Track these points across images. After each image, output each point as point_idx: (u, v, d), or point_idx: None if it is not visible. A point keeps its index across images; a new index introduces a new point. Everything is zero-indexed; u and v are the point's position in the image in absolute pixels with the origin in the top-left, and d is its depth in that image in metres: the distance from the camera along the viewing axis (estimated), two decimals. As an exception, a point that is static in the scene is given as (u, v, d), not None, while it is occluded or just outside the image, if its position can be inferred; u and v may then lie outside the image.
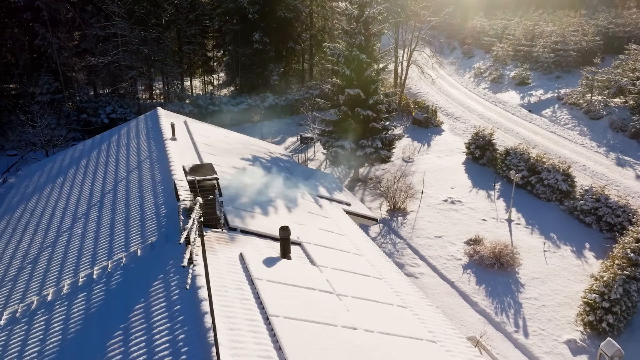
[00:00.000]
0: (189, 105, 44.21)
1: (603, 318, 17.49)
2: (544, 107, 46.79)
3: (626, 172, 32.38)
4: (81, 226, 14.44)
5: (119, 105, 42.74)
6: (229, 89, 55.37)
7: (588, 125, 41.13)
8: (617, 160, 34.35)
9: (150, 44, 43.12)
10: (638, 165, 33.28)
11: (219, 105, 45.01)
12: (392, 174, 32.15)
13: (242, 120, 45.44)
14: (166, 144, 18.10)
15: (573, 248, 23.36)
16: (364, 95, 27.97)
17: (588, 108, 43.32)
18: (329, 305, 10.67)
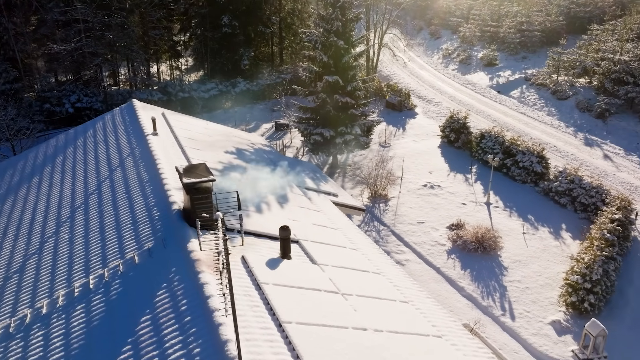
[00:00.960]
0: (157, 93, 42.97)
1: (585, 298, 18.15)
2: (513, 87, 47.61)
3: (594, 152, 33.43)
4: (67, 231, 13.88)
5: (84, 94, 41.15)
6: (197, 74, 54.05)
7: (555, 106, 42.12)
8: (585, 140, 35.40)
9: (114, 29, 41.46)
10: (605, 145, 34.39)
11: (188, 92, 43.92)
12: (370, 159, 32.24)
13: (214, 106, 44.55)
14: (148, 139, 17.51)
15: (550, 229, 24.05)
16: (342, 82, 27.75)
17: (555, 89, 44.33)
18: (336, 307, 10.64)
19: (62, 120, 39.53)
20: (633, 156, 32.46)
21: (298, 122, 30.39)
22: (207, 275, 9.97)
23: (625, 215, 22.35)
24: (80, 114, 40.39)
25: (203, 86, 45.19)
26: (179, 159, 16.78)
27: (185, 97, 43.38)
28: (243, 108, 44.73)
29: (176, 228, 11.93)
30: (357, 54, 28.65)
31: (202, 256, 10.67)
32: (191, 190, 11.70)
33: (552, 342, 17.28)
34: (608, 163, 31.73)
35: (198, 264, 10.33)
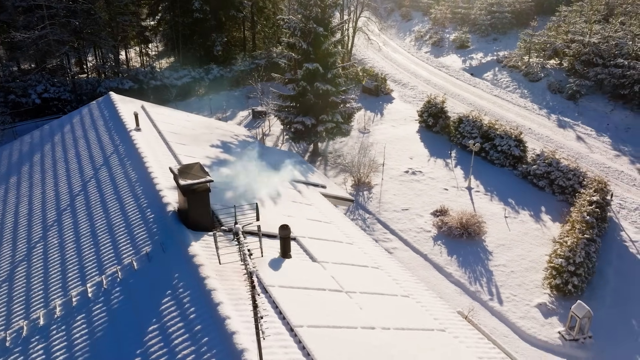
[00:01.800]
0: (128, 81, 41.70)
1: (569, 281, 18.72)
2: (485, 70, 48.12)
3: (568, 134, 34.23)
4: (56, 235, 13.41)
5: (51, 83, 39.58)
6: (167, 60, 52.67)
7: (528, 88, 42.81)
8: (558, 122, 36.18)
9: (80, 15, 39.85)
10: (577, 127, 35.24)
11: (160, 80, 42.79)
12: (351, 146, 32.25)
13: (187, 94, 43.59)
14: (132, 135, 17.01)
15: (531, 212, 24.62)
16: (322, 70, 27.47)
17: (527, 70, 45.01)
18: (342, 306, 10.65)
19: (29, 111, 38.03)
20: (604, 137, 33.39)
21: (278, 110, 30.03)
22: (213, 281, 9.79)
23: (602, 197, 23.05)
24: (48, 105, 38.94)
25: (175, 73, 44.09)
26: (166, 156, 16.38)
27: (157, 85, 42.26)
28: (217, 95, 43.92)
29: (174, 231, 11.66)
30: (336, 40, 28.33)
31: (205, 261, 10.47)
32: (188, 192, 11.43)
33: (540, 325, 17.81)
34: (581, 144, 32.57)
35: (202, 270, 10.14)
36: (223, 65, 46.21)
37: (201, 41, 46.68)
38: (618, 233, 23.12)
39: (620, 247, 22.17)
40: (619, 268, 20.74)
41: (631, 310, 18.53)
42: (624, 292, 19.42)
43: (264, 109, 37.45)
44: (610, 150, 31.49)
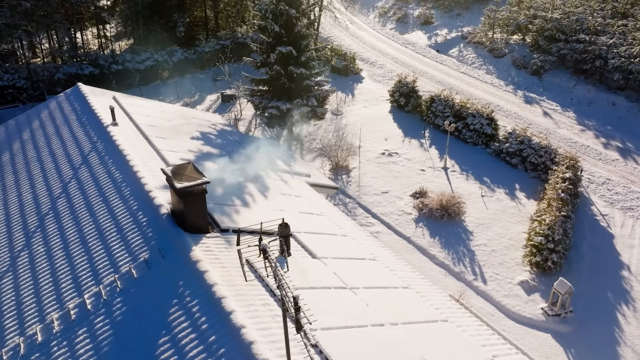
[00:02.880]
0: (87, 66, 39.93)
1: (548, 258, 19.40)
2: (451, 46, 48.46)
3: (535, 110, 35.05)
4: (41, 242, 12.82)
5: (4, 70, 37.49)
6: (127, 42, 50.65)
7: (493, 64, 43.44)
8: (524, 97, 36.97)
9: (32, -4, 37.62)
10: (543, 102, 36.11)
11: (122, 64, 41.15)
12: (325, 129, 32.08)
13: (151, 78, 42.20)
14: (110, 131, 16.32)
15: (506, 190, 25.25)
16: (296, 52, 27.00)
17: (491, 46, 45.60)
18: (349, 304, 10.67)
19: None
20: (569, 112, 34.38)
21: (251, 95, 29.44)
22: (221, 288, 9.60)
23: (574, 173, 23.83)
24: (3, 93, 36.93)
25: (137, 57, 42.45)
26: (148, 152, 15.82)
27: (119, 70, 40.64)
28: (182, 78, 42.70)
29: (171, 235, 11.32)
30: (309, 22, 27.80)
31: (209, 267, 10.23)
32: (185, 195, 11.09)
33: (523, 302, 18.46)
34: (548, 120, 33.45)
35: (208, 276, 9.92)
36: (187, 47, 44.79)
37: (162, 22, 45.01)
38: (589, 207, 24.04)
39: (592, 221, 23.09)
40: (592, 242, 21.63)
41: (606, 283, 19.42)
42: (598, 265, 20.30)
43: (234, 92, 36.64)
44: (576, 125, 32.49)
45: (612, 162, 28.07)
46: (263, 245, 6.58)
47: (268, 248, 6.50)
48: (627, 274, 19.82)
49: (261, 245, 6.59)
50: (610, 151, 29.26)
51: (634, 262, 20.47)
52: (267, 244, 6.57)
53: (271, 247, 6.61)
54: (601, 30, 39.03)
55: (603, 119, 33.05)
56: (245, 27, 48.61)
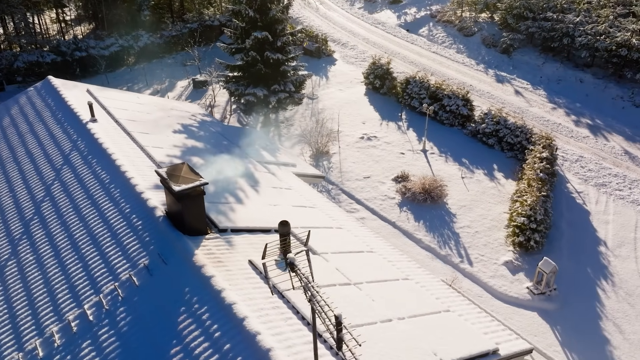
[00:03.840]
0: (49, 54, 38.17)
1: (531, 237, 19.92)
2: (420, 25, 48.43)
3: (506, 89, 35.59)
4: (28, 250, 12.31)
5: (-42, 60, 35.50)
6: (87, 27, 48.60)
7: (463, 43, 43.70)
8: (496, 77, 37.45)
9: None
10: (513, 81, 36.68)
11: (86, 50, 39.48)
12: (302, 114, 31.79)
13: (117, 64, 40.75)
14: (90, 128, 15.70)
15: (485, 171, 25.68)
16: (271, 37, 26.46)
17: (460, 25, 45.80)
18: (356, 300, 10.71)
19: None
20: (540, 90, 35.05)
21: (226, 82, 28.78)
22: (230, 294, 9.45)
23: (550, 152, 24.41)
24: (-42, 85, 35.05)
25: (102, 42, 40.81)
26: (132, 149, 15.31)
27: (83, 57, 39.01)
28: (150, 64, 41.38)
29: (170, 239, 11.05)
30: (284, 6, 27.24)
31: (215, 272, 10.04)
32: (183, 198, 10.80)
33: (509, 282, 18.96)
34: (520, 99, 34.04)
35: (215, 281, 9.75)
36: (152, 31, 43.32)
37: (126, 5, 43.32)
38: (565, 185, 24.74)
39: (568, 198, 23.79)
40: (570, 219, 22.31)
41: (585, 259, 20.12)
42: (577, 242, 20.99)
43: (206, 78, 35.78)
44: (547, 103, 33.19)
45: (584, 140, 28.88)
46: (290, 259, 6.45)
47: (295, 261, 6.38)
48: (604, 250, 20.59)
49: (288, 259, 6.45)
50: (581, 128, 30.07)
51: (610, 237, 21.26)
52: (294, 257, 6.44)
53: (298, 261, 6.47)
54: (567, 8, 39.71)
55: (572, 96, 33.85)
56: (212, 9, 47.34)
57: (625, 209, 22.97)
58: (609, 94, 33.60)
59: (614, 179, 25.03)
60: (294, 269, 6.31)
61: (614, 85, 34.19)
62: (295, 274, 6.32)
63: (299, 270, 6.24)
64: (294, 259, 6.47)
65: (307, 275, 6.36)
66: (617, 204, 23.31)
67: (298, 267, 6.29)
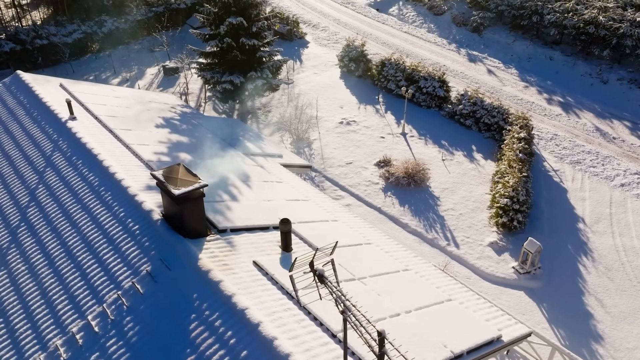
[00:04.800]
0: (7, 42, 36.29)
1: (514, 218, 20.41)
2: (390, 4, 48.15)
3: (479, 68, 35.95)
4: (19, 259, 11.87)
5: None
6: (44, 11, 46.34)
7: (434, 22, 43.74)
8: (468, 56, 37.74)
9: None
10: (485, 60, 37.05)
11: (47, 38, 37.70)
12: (278, 99, 31.39)
13: (81, 52, 39.13)
14: (70, 127, 15.12)
15: (464, 153, 26.06)
16: (246, 23, 25.86)
17: (430, 4, 45.78)
18: (363, 296, 10.74)
19: None
20: (511, 69, 35.55)
21: (200, 69, 28.07)
22: (241, 298, 9.36)
23: (528, 132, 24.91)
24: None
25: (63, 29, 39.02)
26: (117, 148, 14.88)
27: (44, 45, 37.25)
28: (116, 50, 39.88)
29: (170, 243, 10.83)
30: (259, -10, 26.60)
31: (222, 276, 9.91)
32: (183, 201, 10.56)
33: (495, 263, 19.46)
34: (493, 78, 34.47)
35: (224, 286, 9.63)
36: (116, 16, 41.69)
37: (86, -11, 41.44)
38: (542, 164, 25.36)
39: (546, 177, 24.43)
40: (549, 198, 22.94)
41: (565, 236, 20.80)
42: (557, 220, 21.64)
43: (177, 64, 34.82)
44: (519, 82, 33.73)
45: (557, 117, 29.57)
46: (319, 271, 6.39)
47: (324, 273, 6.33)
48: (583, 226, 21.32)
49: (317, 271, 6.39)
50: (554, 106, 30.75)
51: (587, 214, 22.01)
52: (323, 269, 6.39)
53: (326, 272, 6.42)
54: (535, -14, 40.15)
55: (543, 74, 34.47)
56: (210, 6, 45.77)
57: (600, 185, 23.76)
58: (578, 71, 34.37)
59: (588, 156, 25.81)
60: (324, 281, 6.25)
61: (582, 62, 34.98)
62: (325, 286, 6.26)
63: (330, 282, 6.19)
64: (323, 270, 6.41)
65: (340, 288, 6.32)
66: (592, 180, 24.08)
67: (328, 279, 6.24)
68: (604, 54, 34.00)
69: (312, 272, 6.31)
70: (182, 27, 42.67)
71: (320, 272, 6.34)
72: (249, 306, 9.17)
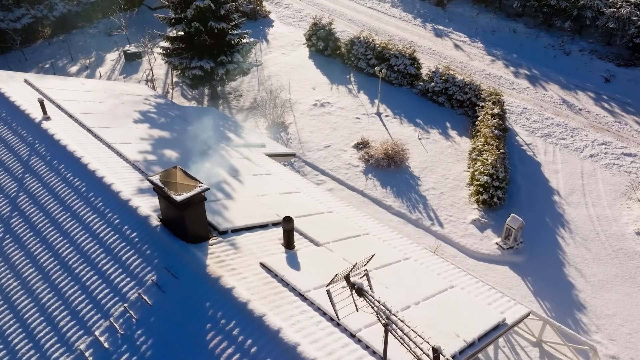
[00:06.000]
0: (-52, 32, 33.95)
1: (494, 194, 20.89)
2: (352, -21, 47.50)
3: (446, 43, 36.12)
4: (9, 275, 11.29)
5: None
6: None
7: (397, -4, 43.50)
8: (434, 31, 37.81)
9: None
10: (451, 34, 37.23)
11: (-7, 25, 35.45)
12: (248, 82, 30.73)
13: (32, 38, 37.06)
14: (46, 128, 14.34)
15: (439, 130, 26.34)
16: (214, 6, 24.96)
17: (392, -22, 45.44)
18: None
19: None
20: (477, 42, 35.89)
21: (167, 55, 27.04)
22: (257, 304, 9.23)
23: (501, 108, 25.35)
24: None
25: (11, 14, 36.69)
26: (99, 149, 14.27)
27: (-10, 33, 35.04)
28: (70, 35, 37.97)
29: (174, 249, 10.54)
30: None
31: (233, 282, 9.73)
32: (186, 207, 10.24)
33: (479, 240, 19.95)
34: (460, 53, 34.74)
35: (237, 293, 9.47)
36: (68, -1, 39.49)
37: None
38: (514, 138, 25.95)
39: (519, 151, 25.04)
40: (524, 172, 23.57)
41: (543, 210, 21.48)
42: (533, 194, 22.30)
43: (138, 49, 33.44)
44: (486, 56, 34.14)
45: (525, 91, 30.20)
46: (358, 284, 6.33)
47: (364, 287, 6.28)
48: (558, 199, 22.07)
49: (356, 285, 6.33)
50: (521, 80, 31.35)
51: (561, 186, 22.77)
52: (362, 283, 6.33)
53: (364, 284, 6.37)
54: (496, -42, 40.37)
55: (508, 48, 34.98)
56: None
57: (571, 157, 24.57)
58: (541, 43, 35.05)
59: (557, 128, 26.56)
60: (362, 294, 6.21)
61: (545, 34, 35.68)
62: (365, 299, 6.22)
63: (371, 295, 6.15)
64: (361, 284, 6.36)
65: (383, 302, 6.28)
66: (563, 152, 24.86)
67: (368, 292, 6.19)
68: (565, 26, 34.75)
69: (349, 286, 6.23)
70: (139, 7, 40.91)
71: (359, 285, 6.28)
72: (266, 312, 9.07)
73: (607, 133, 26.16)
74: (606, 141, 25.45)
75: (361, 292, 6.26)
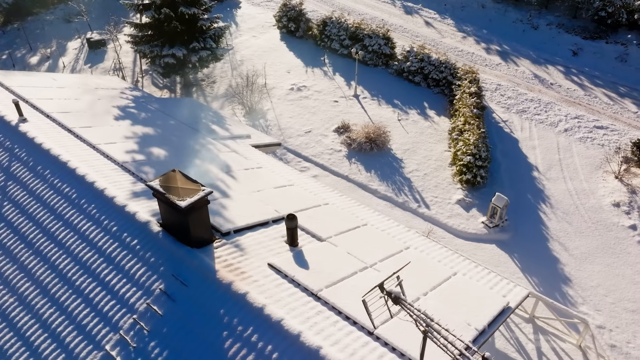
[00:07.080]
0: None
1: (477, 174, 21.20)
2: (317, -44, 46.61)
3: (416, 20, 36.04)
4: (6, 291, 10.80)
5: None
6: None
7: (364, -28, 42.97)
8: (404, 8, 37.62)
9: None
10: (421, 11, 37.14)
11: (-59, 14, 33.29)
12: (220, 68, 29.98)
13: (-15, 28, 34.99)
14: (24, 131, 13.63)
15: (418, 111, 26.43)
16: (183, -9, 24.09)
17: (358, -47, 44.77)
18: (381, 284, 10.88)
19: None
20: (447, 19, 35.94)
21: (136, 43, 26.00)
22: (273, 308, 9.14)
23: (477, 86, 25.58)
24: None
25: (-40, 3, 34.55)
26: (84, 151, 13.69)
27: (-60, 22, 32.89)
28: (26, 23, 36.09)
29: (179, 256, 10.28)
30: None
31: (245, 286, 9.58)
32: (190, 212, 9.96)
33: (465, 219, 20.29)
34: (431, 30, 34.75)
35: (252, 298, 9.33)
36: (20, -17, 37.32)
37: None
38: (491, 116, 26.31)
39: (497, 128, 25.43)
40: (503, 149, 23.98)
41: (524, 186, 21.97)
42: (514, 171, 22.74)
43: (102, 36, 32.04)
44: (457, 33, 34.27)
45: (497, 67, 30.54)
46: (395, 293, 6.30)
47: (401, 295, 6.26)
48: (537, 174, 22.61)
49: (393, 294, 6.30)
50: (493, 56, 31.67)
51: (540, 162, 23.31)
52: (398, 291, 6.30)
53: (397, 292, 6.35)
54: None
55: (477, 23, 35.19)
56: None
57: (546, 132, 25.12)
58: (510, 17, 35.36)
59: (531, 104, 27.05)
60: (399, 303, 6.19)
61: (513, 9, 35.99)
62: (402, 307, 6.20)
63: (410, 304, 6.13)
64: (398, 292, 6.33)
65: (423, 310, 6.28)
66: (539, 128, 25.39)
67: (405, 301, 6.18)
68: (532, 0, 35.13)
69: (385, 294, 6.20)
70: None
71: (396, 294, 6.26)
72: (283, 316, 8.99)
73: (579, 107, 26.81)
74: (578, 115, 26.08)
75: (398, 300, 6.24)
